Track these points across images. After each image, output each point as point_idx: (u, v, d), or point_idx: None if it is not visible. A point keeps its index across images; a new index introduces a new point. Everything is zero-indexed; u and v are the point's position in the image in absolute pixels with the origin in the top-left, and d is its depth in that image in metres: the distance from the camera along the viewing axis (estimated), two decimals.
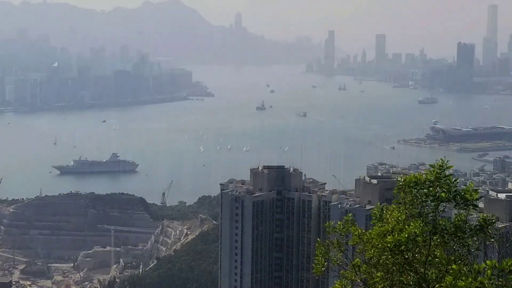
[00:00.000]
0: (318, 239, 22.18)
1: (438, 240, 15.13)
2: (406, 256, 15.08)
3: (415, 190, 15.47)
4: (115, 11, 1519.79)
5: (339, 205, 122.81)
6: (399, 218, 15.56)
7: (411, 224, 15.18)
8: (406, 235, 14.97)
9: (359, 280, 16.15)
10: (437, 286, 14.49)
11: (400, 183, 15.70)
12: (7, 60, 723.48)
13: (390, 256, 15.22)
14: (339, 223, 17.22)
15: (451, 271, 13.84)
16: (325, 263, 17.06)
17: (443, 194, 15.21)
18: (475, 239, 15.18)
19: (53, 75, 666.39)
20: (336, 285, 16.43)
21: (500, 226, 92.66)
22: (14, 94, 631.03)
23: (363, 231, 16.25)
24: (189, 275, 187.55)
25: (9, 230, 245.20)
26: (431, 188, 15.33)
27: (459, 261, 14.74)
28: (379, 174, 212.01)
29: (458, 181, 15.68)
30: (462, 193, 15.22)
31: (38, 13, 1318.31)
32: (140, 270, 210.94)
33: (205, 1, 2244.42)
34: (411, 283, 15.17)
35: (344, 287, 16.42)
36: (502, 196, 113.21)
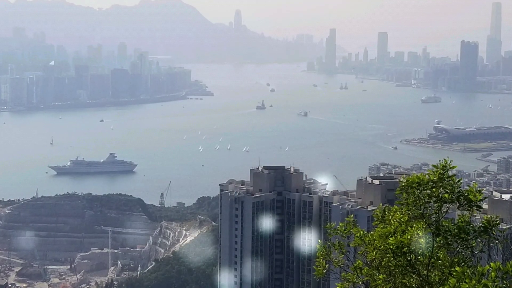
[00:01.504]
0: (319, 240, 22.04)
1: (441, 242, 15.00)
2: (409, 258, 14.98)
3: (418, 191, 15.33)
4: (112, 9, 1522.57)
5: (341, 206, 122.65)
6: (402, 219, 15.48)
7: (414, 225, 15.05)
8: (408, 237, 14.82)
9: (360, 283, 16.03)
10: None
11: (403, 184, 15.55)
12: (3, 58, 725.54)
13: (392, 258, 15.14)
14: (340, 224, 17.08)
15: (454, 273, 13.74)
16: (326, 265, 16.93)
17: (446, 195, 15.07)
18: (479, 240, 15.04)
19: (49, 74, 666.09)
20: (337, 287, 16.27)
21: (504, 227, 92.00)
22: (10, 93, 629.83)
23: (365, 232, 16.14)
24: (187, 277, 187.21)
25: (5, 231, 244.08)
26: (434, 189, 15.18)
27: (463, 263, 14.61)
28: (381, 174, 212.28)
29: (461, 181, 15.53)
30: (466, 194, 15.07)
31: (35, 11, 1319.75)
32: (138, 272, 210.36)
33: None
34: (413, 285, 15.08)
35: None
36: (506, 197, 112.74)
